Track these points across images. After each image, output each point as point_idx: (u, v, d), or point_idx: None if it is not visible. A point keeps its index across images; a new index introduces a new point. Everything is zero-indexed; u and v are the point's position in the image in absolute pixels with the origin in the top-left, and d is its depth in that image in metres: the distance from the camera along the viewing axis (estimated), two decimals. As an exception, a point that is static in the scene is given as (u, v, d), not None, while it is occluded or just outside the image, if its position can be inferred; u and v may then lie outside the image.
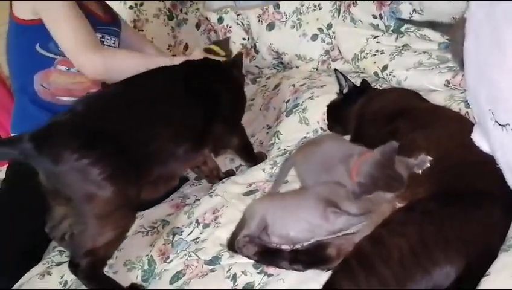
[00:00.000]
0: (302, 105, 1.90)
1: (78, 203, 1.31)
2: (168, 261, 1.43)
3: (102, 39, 1.80)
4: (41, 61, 1.68)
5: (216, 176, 1.77)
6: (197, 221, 1.51)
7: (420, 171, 1.18)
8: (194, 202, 1.65)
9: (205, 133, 1.56)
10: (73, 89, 1.73)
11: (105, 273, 1.39)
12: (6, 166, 1.89)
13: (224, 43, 2.02)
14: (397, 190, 1.16)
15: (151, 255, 1.47)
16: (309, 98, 1.91)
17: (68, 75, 1.71)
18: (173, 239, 1.49)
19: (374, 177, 1.16)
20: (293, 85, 2.07)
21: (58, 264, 1.59)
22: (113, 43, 1.87)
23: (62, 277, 1.52)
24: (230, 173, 1.80)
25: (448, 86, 1.61)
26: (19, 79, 1.76)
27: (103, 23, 1.81)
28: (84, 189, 1.29)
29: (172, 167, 1.50)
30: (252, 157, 1.77)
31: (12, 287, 1.58)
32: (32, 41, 1.66)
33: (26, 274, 1.61)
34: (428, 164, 1.18)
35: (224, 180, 1.71)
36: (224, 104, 1.61)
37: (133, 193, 1.36)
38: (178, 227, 1.53)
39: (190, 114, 1.52)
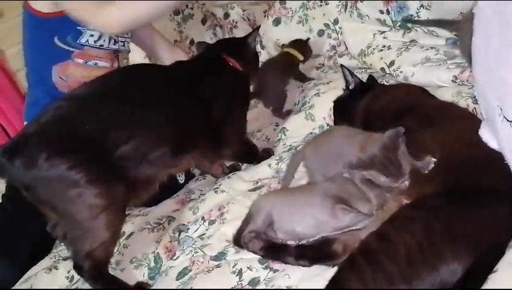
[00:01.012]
0: (309, 102, 1.89)
1: (65, 210, 1.30)
2: (174, 258, 1.43)
3: None
4: (60, 53, 1.67)
5: (221, 172, 1.76)
6: (202, 218, 1.51)
7: (426, 172, 1.18)
8: (199, 197, 1.65)
9: (188, 139, 1.52)
10: None
11: (112, 270, 1.40)
12: None
13: (302, 44, 2.02)
14: (393, 176, 1.17)
15: (158, 253, 1.47)
16: (315, 94, 1.90)
17: (85, 68, 1.71)
18: (179, 236, 1.49)
19: (372, 155, 1.18)
20: (301, 86, 2.07)
21: (65, 259, 1.60)
22: (127, 34, 1.85)
23: (69, 272, 1.53)
24: (235, 167, 1.79)
25: (455, 82, 1.60)
26: (37, 71, 1.75)
27: None
28: (67, 196, 1.27)
29: (147, 171, 1.44)
30: (255, 160, 1.74)
31: (19, 286, 1.59)
32: (51, 34, 1.65)
33: (32, 268, 1.62)
34: (433, 165, 1.18)
35: (229, 175, 1.70)
36: (216, 110, 1.59)
37: (119, 192, 1.34)
38: (184, 224, 1.53)
39: (167, 119, 1.48)
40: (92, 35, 1.68)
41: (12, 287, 1.59)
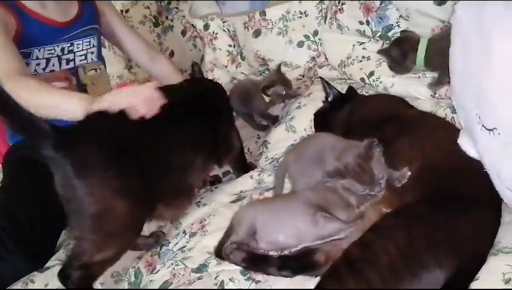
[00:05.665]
0: (289, 115, 1.91)
1: (87, 216, 1.26)
2: (154, 272, 1.41)
3: (71, 47, 1.76)
4: None
5: (206, 182, 1.76)
6: (184, 231, 1.50)
7: (399, 185, 1.20)
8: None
9: (213, 145, 1.59)
10: None
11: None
12: None
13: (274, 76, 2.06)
14: (366, 184, 1.18)
15: (138, 267, 1.45)
16: (297, 108, 1.92)
17: None
18: (160, 250, 1.48)
19: (347, 163, 1.20)
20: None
21: (43, 270, 1.55)
22: (87, 46, 1.83)
23: (46, 285, 1.49)
24: (217, 179, 1.80)
25: (434, 96, 1.61)
26: None
27: (66, 29, 1.75)
28: (98, 204, 1.25)
29: (191, 177, 1.51)
30: (245, 165, 1.79)
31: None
32: None
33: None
34: (407, 179, 1.20)
35: (212, 188, 1.70)
36: (225, 115, 1.69)
37: (143, 216, 1.35)
38: (166, 239, 1.52)
39: (203, 127, 1.56)
40: (38, 64, 1.69)
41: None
